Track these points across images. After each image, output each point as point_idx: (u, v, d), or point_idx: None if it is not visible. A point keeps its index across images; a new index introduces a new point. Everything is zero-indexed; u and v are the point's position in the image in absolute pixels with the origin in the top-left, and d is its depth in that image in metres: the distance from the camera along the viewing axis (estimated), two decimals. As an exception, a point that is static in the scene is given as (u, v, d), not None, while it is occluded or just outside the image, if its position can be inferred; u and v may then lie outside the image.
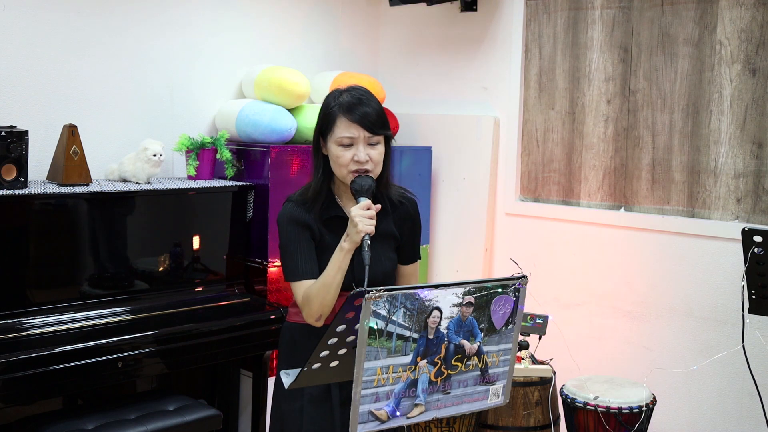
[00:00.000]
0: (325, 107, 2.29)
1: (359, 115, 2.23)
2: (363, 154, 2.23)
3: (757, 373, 3.05)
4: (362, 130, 2.23)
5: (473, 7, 4.19)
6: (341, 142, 2.23)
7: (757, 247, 2.56)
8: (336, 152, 2.24)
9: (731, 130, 3.48)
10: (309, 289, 2.23)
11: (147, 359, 3.09)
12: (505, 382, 2.04)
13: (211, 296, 3.51)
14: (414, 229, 2.45)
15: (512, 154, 4.18)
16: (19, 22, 3.35)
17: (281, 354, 2.43)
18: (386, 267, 2.35)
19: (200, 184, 3.59)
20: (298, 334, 2.35)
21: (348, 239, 2.18)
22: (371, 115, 2.24)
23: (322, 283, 2.21)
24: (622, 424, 3.15)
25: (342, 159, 2.23)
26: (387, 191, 2.36)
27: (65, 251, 3.16)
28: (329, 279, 2.20)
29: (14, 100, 3.36)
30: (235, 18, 4.08)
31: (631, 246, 3.78)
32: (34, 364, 2.79)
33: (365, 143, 2.24)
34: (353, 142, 2.23)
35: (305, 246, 2.27)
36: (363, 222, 2.15)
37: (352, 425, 1.81)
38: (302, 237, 2.27)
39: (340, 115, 2.24)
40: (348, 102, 2.24)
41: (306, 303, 2.23)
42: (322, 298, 2.20)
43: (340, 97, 2.27)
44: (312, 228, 2.28)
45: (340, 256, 2.20)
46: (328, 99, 2.30)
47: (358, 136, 2.23)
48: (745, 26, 3.41)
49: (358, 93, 2.28)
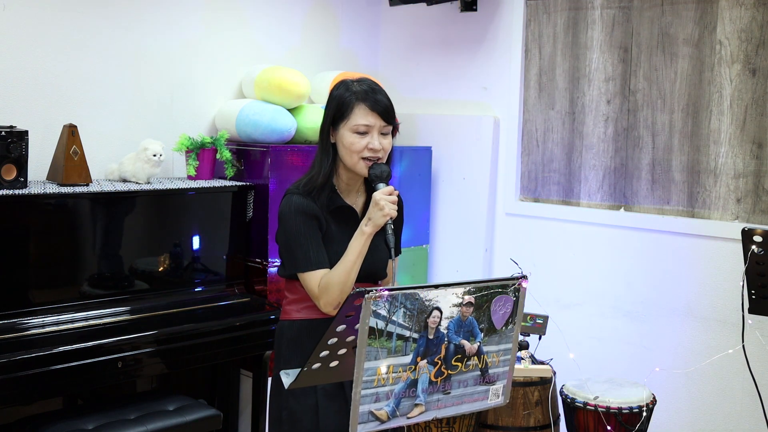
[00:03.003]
0: (338, 96, 2.31)
1: (376, 103, 2.27)
2: (377, 142, 2.27)
3: (757, 373, 3.05)
4: (379, 118, 2.27)
5: (473, 7, 4.19)
6: (357, 129, 2.27)
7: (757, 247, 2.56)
8: (350, 139, 2.27)
9: (731, 130, 3.47)
10: (328, 277, 2.24)
11: (147, 359, 3.09)
12: (505, 382, 2.04)
13: (211, 296, 3.51)
14: (400, 223, 2.51)
15: (512, 154, 4.18)
16: (19, 22, 3.35)
17: (282, 353, 2.40)
18: (383, 257, 2.38)
19: (200, 184, 3.59)
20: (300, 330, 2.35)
21: (370, 223, 2.22)
22: (386, 104, 2.30)
23: (342, 269, 2.23)
24: (622, 424, 3.15)
25: (356, 146, 2.27)
26: None
27: (65, 251, 3.15)
28: (350, 264, 2.23)
29: (14, 100, 3.36)
30: (235, 18, 4.08)
31: (631, 246, 3.78)
32: (34, 364, 2.79)
33: (379, 132, 2.28)
34: (368, 131, 2.27)
35: (316, 237, 2.29)
36: (389, 206, 2.20)
37: (352, 425, 1.81)
38: (311, 228, 2.28)
39: (359, 103, 2.27)
40: (364, 90, 2.29)
41: (325, 291, 2.23)
42: (343, 284, 2.22)
43: (354, 86, 2.30)
44: (319, 218, 2.30)
45: (362, 240, 2.23)
46: (341, 88, 2.32)
47: (375, 125, 2.27)
48: (745, 26, 3.41)
49: (372, 83, 2.33)
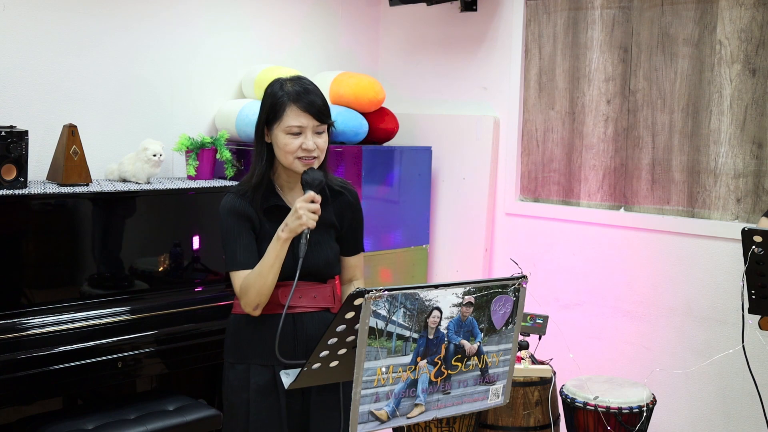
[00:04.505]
0: (271, 96, 2.29)
1: (309, 104, 2.25)
2: (311, 143, 2.25)
3: (757, 373, 3.05)
4: (311, 119, 2.25)
5: (473, 7, 4.19)
6: (290, 130, 2.25)
7: (757, 247, 2.55)
8: (284, 140, 2.26)
9: (731, 130, 3.47)
10: (247, 279, 2.25)
11: (147, 359, 3.09)
12: (505, 382, 2.04)
13: (211, 296, 3.50)
14: (355, 219, 2.45)
15: (512, 154, 4.18)
16: (19, 22, 3.35)
17: (227, 345, 2.45)
18: (328, 255, 2.36)
19: (200, 184, 3.59)
20: (242, 323, 2.36)
21: (286, 229, 2.20)
22: (319, 105, 2.27)
23: (258, 272, 2.23)
24: (622, 424, 3.15)
25: (290, 146, 2.25)
26: (326, 179, 2.36)
27: (65, 251, 3.15)
28: (266, 268, 2.22)
29: (14, 100, 3.36)
30: (235, 18, 4.08)
31: (631, 246, 3.78)
32: (34, 364, 2.79)
33: (313, 132, 2.26)
34: (301, 131, 2.25)
35: (244, 237, 2.29)
36: (307, 215, 2.17)
37: (352, 425, 1.81)
38: (241, 228, 2.29)
39: (290, 104, 2.25)
40: (296, 91, 2.26)
41: (243, 292, 2.25)
42: (260, 288, 2.22)
43: (287, 86, 2.28)
44: (252, 218, 2.30)
45: (277, 246, 2.21)
46: (274, 88, 2.30)
47: (308, 125, 2.25)
48: (745, 26, 3.41)
49: (305, 83, 2.31)
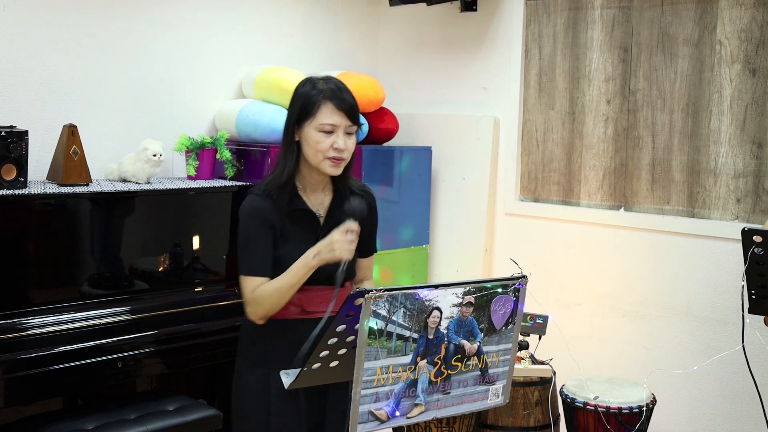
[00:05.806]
0: (304, 93, 2.27)
1: (344, 102, 2.24)
2: (342, 142, 2.24)
3: (757, 373, 3.05)
4: (345, 118, 2.25)
5: (473, 7, 4.19)
6: (323, 128, 2.23)
7: (757, 247, 2.55)
8: (315, 138, 2.24)
9: (731, 130, 3.47)
10: (261, 290, 2.21)
11: (147, 359, 3.09)
12: (505, 382, 2.04)
13: (211, 296, 3.50)
14: (372, 221, 2.45)
15: (512, 154, 4.18)
16: (19, 22, 3.35)
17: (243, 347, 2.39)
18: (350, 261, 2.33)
19: (200, 184, 3.59)
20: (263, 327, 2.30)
21: (318, 257, 2.17)
22: (353, 105, 2.27)
23: (276, 288, 2.20)
24: (622, 424, 3.15)
25: (321, 145, 2.23)
26: (348, 182, 2.37)
27: (65, 251, 3.15)
28: (286, 287, 2.19)
29: (14, 100, 3.36)
30: (235, 18, 4.08)
31: (631, 246, 3.78)
32: (34, 364, 2.79)
33: (344, 131, 2.25)
34: (334, 130, 2.24)
35: (262, 243, 2.25)
36: (341, 249, 2.14)
37: (352, 425, 1.81)
38: (261, 233, 2.26)
39: (325, 101, 2.23)
40: (331, 89, 2.25)
41: (256, 302, 2.22)
42: (275, 303, 2.21)
43: (320, 84, 2.27)
44: (274, 223, 2.27)
45: (304, 270, 2.18)
46: (307, 86, 2.28)
47: (340, 124, 2.24)
48: (745, 26, 3.41)
49: (338, 81, 2.30)
